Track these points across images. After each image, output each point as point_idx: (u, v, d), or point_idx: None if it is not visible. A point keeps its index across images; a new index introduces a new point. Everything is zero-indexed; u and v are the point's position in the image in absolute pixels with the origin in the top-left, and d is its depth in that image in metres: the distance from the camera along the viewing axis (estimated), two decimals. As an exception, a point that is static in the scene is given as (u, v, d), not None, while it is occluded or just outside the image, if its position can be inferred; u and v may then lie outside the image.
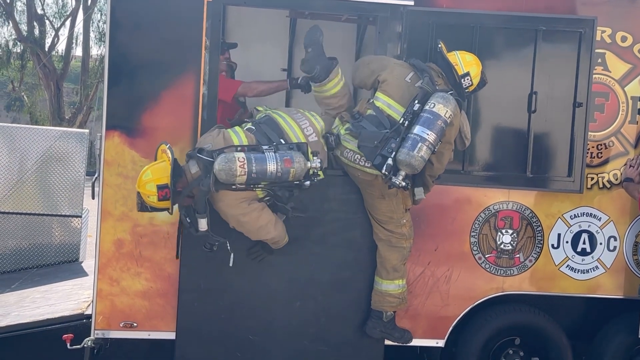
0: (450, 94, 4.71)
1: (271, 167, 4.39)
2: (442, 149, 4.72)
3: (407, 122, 4.62)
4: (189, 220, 4.55)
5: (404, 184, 4.60)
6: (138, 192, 4.55)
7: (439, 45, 4.90)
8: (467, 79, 4.87)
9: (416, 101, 4.66)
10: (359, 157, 4.82)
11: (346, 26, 6.82)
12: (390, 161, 4.54)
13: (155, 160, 4.67)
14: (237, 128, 4.79)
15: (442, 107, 4.57)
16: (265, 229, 4.72)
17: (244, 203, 4.63)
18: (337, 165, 5.03)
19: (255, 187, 4.56)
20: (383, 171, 4.56)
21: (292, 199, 4.67)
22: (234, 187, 4.47)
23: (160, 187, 4.45)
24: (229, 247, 4.73)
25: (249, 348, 5.12)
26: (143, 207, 4.60)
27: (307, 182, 4.57)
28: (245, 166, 4.34)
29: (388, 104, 4.81)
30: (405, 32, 5.10)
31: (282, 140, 4.65)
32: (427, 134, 4.53)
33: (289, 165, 4.42)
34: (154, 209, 4.60)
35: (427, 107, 4.60)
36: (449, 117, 4.60)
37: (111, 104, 4.96)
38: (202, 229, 4.54)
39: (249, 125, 4.81)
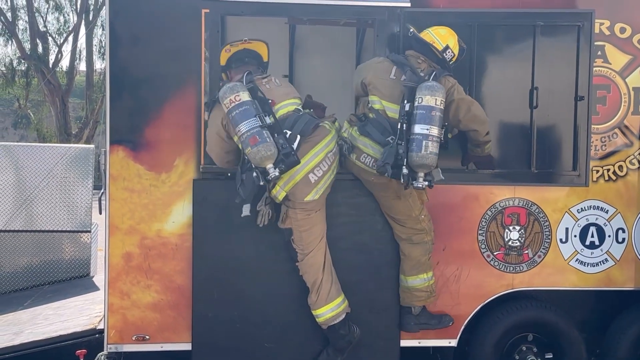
0: (436, 73, 4.75)
1: (244, 128, 4.50)
2: (456, 111, 4.85)
3: (405, 125, 4.63)
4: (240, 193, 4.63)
5: (426, 183, 4.61)
6: None
7: (411, 30, 4.94)
8: (449, 52, 4.91)
9: (405, 101, 4.69)
10: (374, 162, 4.82)
11: (346, 30, 6.83)
12: (405, 170, 4.54)
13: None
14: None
15: (429, 97, 4.59)
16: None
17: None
18: (345, 169, 5.00)
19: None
20: (402, 181, 4.56)
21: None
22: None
23: None
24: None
25: (265, 355, 5.12)
26: None
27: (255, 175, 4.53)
28: (235, 105, 4.53)
29: (383, 105, 4.84)
30: (403, 33, 5.11)
31: (286, 132, 4.66)
32: (428, 129, 4.55)
33: (253, 143, 4.46)
34: None
35: (416, 104, 4.62)
36: (441, 102, 4.61)
37: (114, 118, 4.99)
38: (245, 214, 4.68)
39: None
